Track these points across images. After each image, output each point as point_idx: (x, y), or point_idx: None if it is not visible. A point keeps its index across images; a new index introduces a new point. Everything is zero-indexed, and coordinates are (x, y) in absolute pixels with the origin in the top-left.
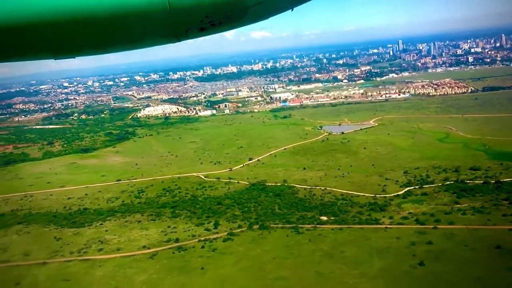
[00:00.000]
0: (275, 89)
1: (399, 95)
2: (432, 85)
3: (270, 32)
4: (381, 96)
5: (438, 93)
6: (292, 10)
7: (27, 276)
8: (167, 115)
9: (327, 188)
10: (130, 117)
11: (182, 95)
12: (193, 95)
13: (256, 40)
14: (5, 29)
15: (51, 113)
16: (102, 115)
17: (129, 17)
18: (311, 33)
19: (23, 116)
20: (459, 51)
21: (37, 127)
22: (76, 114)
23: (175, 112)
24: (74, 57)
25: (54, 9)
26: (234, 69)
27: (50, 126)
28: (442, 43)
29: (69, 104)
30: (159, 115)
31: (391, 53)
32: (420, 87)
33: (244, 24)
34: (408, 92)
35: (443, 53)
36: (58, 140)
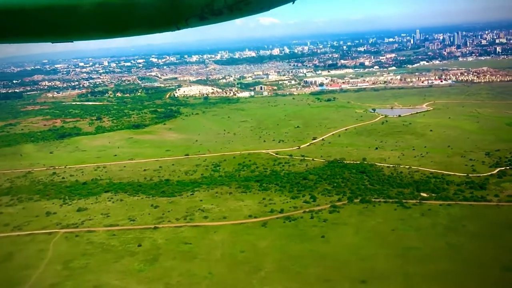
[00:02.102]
0: (305, 74)
1: (441, 81)
2: (471, 72)
3: (278, 19)
4: (422, 82)
5: (482, 80)
6: (293, 2)
7: (144, 239)
8: (205, 95)
9: (412, 167)
10: (167, 96)
11: (209, 77)
12: (221, 77)
13: (264, 27)
14: (4, 11)
15: (83, 90)
16: (138, 94)
17: (129, 4)
18: (319, 21)
19: (55, 93)
20: (483, 42)
21: (76, 103)
22: (110, 92)
23: (212, 92)
24: (72, 41)
25: None
26: (253, 54)
27: (90, 103)
28: (464, 33)
29: (97, 83)
30: (196, 95)
31: (412, 42)
32: (459, 74)
33: (245, 15)
34: (450, 79)
35: (468, 43)
36: (105, 116)
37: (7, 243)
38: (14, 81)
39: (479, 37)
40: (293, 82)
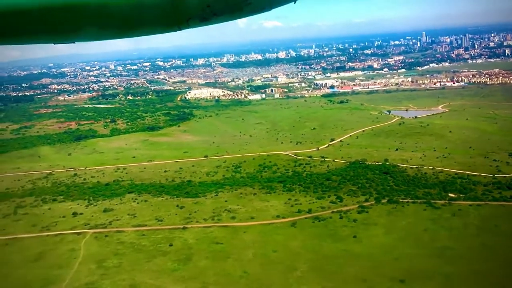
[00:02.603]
0: (314, 76)
1: (453, 83)
2: (483, 74)
3: (281, 22)
4: (434, 84)
5: (495, 82)
6: (295, 2)
7: (175, 239)
8: (216, 97)
9: (436, 168)
10: (178, 98)
11: (218, 80)
12: (230, 80)
13: (267, 30)
14: (5, 11)
15: (93, 93)
16: (149, 97)
17: (131, 4)
18: (322, 24)
19: (66, 96)
20: (491, 44)
21: (88, 106)
22: (121, 95)
23: (224, 95)
24: (74, 42)
25: None
26: (259, 57)
27: (102, 106)
28: (470, 35)
29: (106, 86)
30: (207, 98)
31: (418, 44)
32: (471, 76)
33: (246, 15)
34: (462, 81)
35: (475, 45)
36: (119, 118)
37: (37, 243)
38: (23, 85)
39: (487, 39)
40: (303, 84)
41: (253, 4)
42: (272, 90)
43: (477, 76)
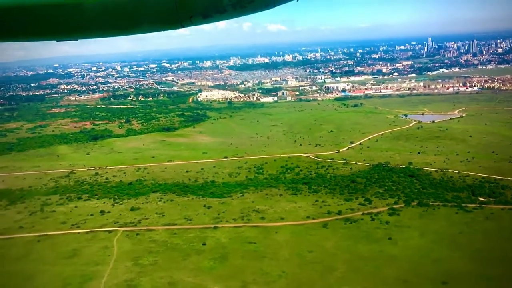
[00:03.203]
0: (324, 80)
1: (467, 88)
2: (495, 80)
3: (285, 25)
4: (447, 89)
5: (509, 88)
6: (297, 0)
7: (207, 238)
8: (228, 99)
9: (461, 172)
10: (190, 100)
11: (227, 82)
12: (239, 82)
13: (272, 33)
14: (8, 9)
15: (104, 94)
16: (161, 98)
17: (134, 2)
18: (326, 29)
19: (77, 96)
20: (499, 50)
21: (101, 106)
22: (132, 96)
23: (235, 97)
24: (77, 40)
25: None
26: (266, 60)
27: (114, 106)
28: (477, 41)
29: (115, 87)
30: (219, 99)
31: (425, 50)
32: (483, 82)
33: (249, 13)
34: (475, 86)
35: (483, 51)
36: (133, 119)
37: (69, 240)
38: (32, 84)
39: (494, 45)
40: (314, 88)
41: (255, 2)
42: (283, 93)
43: (490, 82)
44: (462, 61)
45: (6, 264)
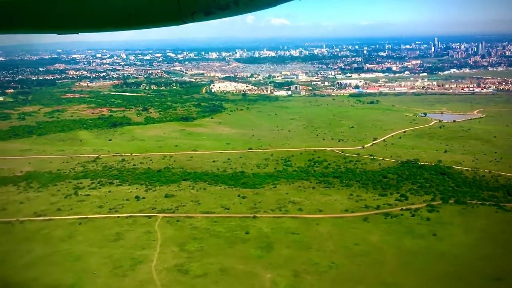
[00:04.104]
0: (335, 76)
1: (482, 89)
2: (509, 82)
3: (289, 20)
4: (462, 89)
5: None
6: None
7: (249, 227)
8: (242, 92)
9: (492, 172)
10: (203, 91)
11: (236, 74)
12: (248, 75)
13: (275, 27)
14: (10, 0)
15: (115, 81)
16: (174, 87)
17: None
18: (329, 25)
19: (88, 82)
20: (507, 52)
21: (114, 93)
22: (144, 84)
23: (249, 90)
24: (77, 33)
25: None
26: (272, 54)
27: (128, 94)
28: (484, 43)
29: (125, 74)
30: (233, 91)
31: (432, 49)
32: (497, 83)
33: (251, 10)
34: (490, 87)
35: (492, 53)
36: (150, 107)
37: (111, 224)
38: (40, 69)
39: (501, 47)
40: (326, 83)
41: (257, 0)
42: (296, 87)
43: (504, 84)
44: (471, 62)
45: (54, 245)
